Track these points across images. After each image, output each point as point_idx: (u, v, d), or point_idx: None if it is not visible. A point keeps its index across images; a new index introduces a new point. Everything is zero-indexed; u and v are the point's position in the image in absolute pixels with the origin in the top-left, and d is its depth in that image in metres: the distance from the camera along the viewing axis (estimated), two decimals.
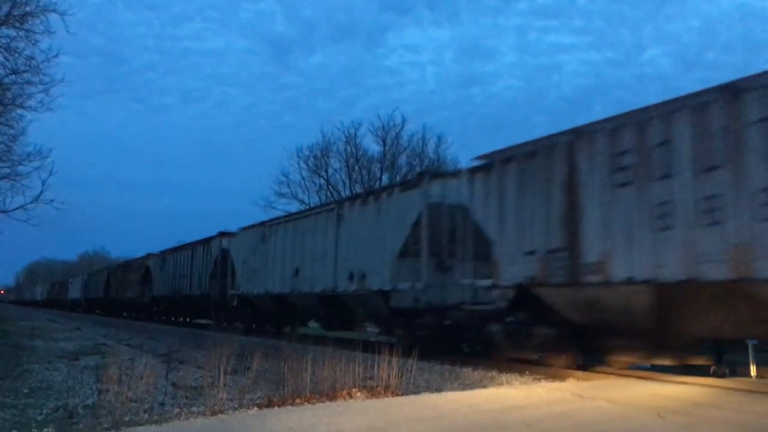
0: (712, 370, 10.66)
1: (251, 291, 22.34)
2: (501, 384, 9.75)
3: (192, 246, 30.21)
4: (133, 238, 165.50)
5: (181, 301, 31.39)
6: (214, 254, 26.90)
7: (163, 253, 35.13)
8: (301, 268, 18.87)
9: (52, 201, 17.33)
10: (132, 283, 40.82)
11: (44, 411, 7.10)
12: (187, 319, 33.25)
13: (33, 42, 15.92)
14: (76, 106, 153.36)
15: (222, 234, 26.93)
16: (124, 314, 43.52)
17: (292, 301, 20.02)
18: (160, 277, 34.67)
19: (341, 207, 17.53)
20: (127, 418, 6.46)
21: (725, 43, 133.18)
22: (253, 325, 23.04)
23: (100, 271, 56.14)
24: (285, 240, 20.46)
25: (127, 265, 44.55)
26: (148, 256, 38.24)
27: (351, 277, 16.17)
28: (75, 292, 64.66)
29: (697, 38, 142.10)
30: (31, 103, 16.74)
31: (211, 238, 28.05)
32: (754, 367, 10.52)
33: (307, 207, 33.71)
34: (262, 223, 22.77)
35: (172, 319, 34.68)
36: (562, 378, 10.37)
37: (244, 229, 24.26)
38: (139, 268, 39.33)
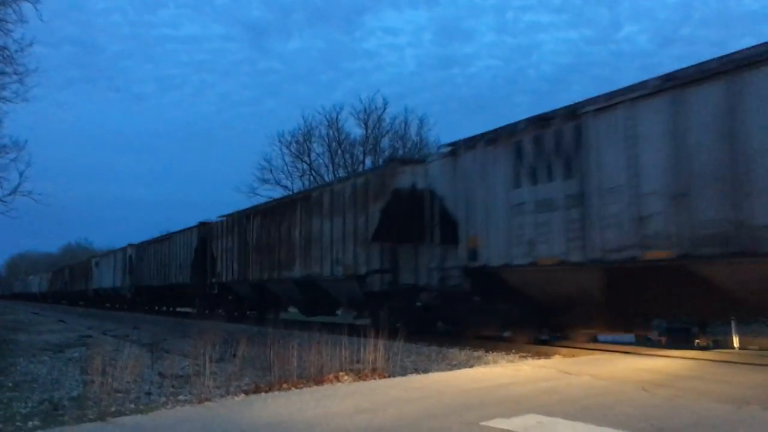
0: (696, 343, 10.82)
1: None
2: (488, 363, 9.81)
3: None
4: (115, 229, 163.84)
5: None
6: None
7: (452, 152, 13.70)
8: None
9: (30, 193, 17.15)
10: (302, 250, 18.50)
11: (29, 404, 7.04)
12: None
13: (5, 32, 15.67)
14: (52, 97, 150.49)
15: None
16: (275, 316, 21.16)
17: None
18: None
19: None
20: (113, 409, 6.42)
21: (701, 18, 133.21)
22: None
23: (181, 232, 29.81)
24: None
25: (280, 208, 20.55)
26: (356, 175, 18.42)
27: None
28: (106, 277, 42.90)
29: (672, 14, 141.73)
30: (6, 93, 16.51)
31: None
32: (737, 338, 10.68)
33: (291, 193, 32.74)
34: None
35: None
36: (548, 355, 10.45)
37: None
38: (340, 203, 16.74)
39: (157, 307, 34.91)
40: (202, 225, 27.30)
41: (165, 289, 31.60)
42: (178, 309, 32.23)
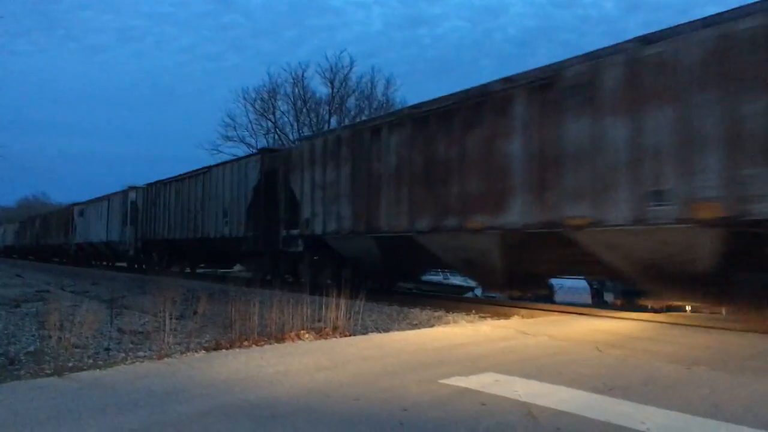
0: (649, 306, 11.11)
1: None
2: (448, 323, 9.95)
3: None
4: (73, 183, 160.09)
5: None
6: None
7: None
8: None
9: None
10: None
11: None
12: None
13: None
14: (6, 45, 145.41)
15: None
16: None
17: None
18: None
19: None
20: (71, 364, 6.36)
21: None
22: None
23: (225, 165, 22.06)
24: None
25: (465, 109, 11.79)
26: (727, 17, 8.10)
27: None
28: (95, 230, 34.77)
29: None
30: None
31: None
32: None
33: (255, 150, 32.04)
34: None
35: None
36: (507, 316, 10.64)
37: None
38: None
39: (168, 266, 25.75)
40: (267, 152, 19.49)
41: (195, 245, 23.73)
42: (220, 271, 24.17)
